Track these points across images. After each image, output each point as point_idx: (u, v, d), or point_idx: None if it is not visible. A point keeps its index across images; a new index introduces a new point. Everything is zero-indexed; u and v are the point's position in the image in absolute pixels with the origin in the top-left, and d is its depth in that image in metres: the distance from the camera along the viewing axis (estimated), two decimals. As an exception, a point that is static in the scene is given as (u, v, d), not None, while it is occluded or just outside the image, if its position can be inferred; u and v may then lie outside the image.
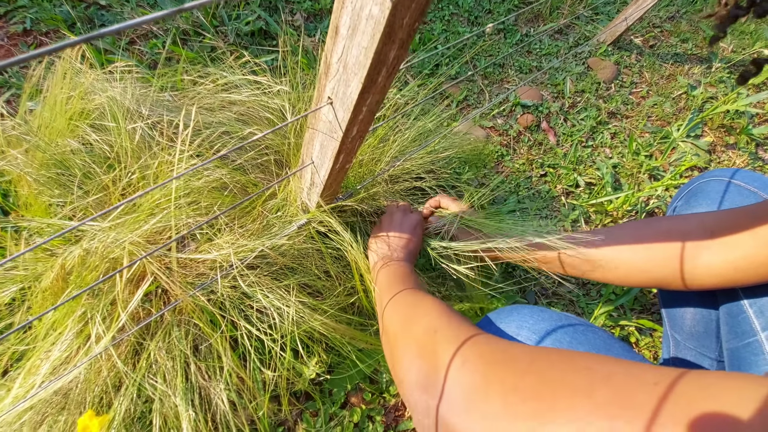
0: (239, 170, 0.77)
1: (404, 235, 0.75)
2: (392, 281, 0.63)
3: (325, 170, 0.54)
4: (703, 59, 1.76)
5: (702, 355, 0.71)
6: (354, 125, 0.45)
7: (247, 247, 0.63)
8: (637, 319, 1.04)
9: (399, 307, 0.53)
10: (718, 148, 1.48)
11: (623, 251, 0.60)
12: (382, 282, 0.64)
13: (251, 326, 0.67)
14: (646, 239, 0.58)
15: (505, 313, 0.49)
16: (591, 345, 0.42)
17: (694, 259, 0.53)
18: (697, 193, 0.71)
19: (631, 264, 0.59)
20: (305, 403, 0.80)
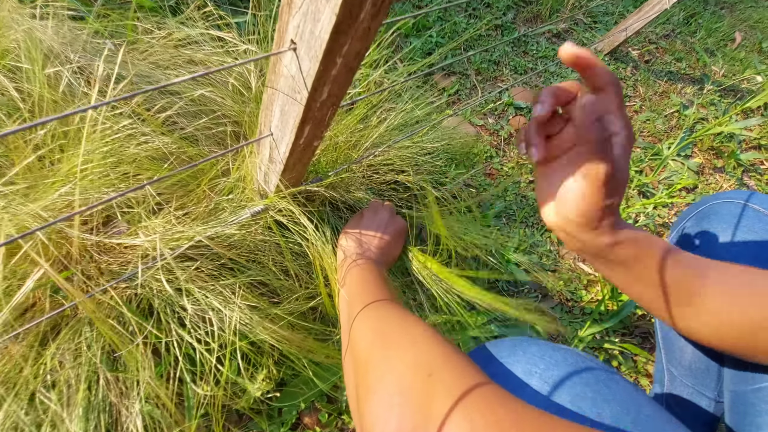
0: (188, 140, 0.64)
1: (385, 236, 0.65)
2: (365, 286, 0.52)
3: (286, 145, 0.42)
4: (695, 80, 1.74)
5: (700, 394, 0.64)
6: (324, 83, 0.33)
7: (183, 234, 0.50)
8: (621, 343, 0.97)
9: (375, 324, 0.42)
10: (707, 170, 1.45)
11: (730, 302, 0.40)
12: (352, 284, 0.53)
13: (185, 332, 0.55)
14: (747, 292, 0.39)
15: (507, 349, 0.39)
16: (618, 401, 0.33)
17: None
18: (710, 215, 0.64)
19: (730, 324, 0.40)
20: (247, 422, 0.68)
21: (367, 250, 0.61)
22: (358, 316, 0.45)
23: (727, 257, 0.60)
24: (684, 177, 1.31)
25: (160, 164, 0.60)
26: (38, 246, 0.47)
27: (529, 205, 1.17)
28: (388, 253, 0.65)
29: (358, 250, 0.61)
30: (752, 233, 0.58)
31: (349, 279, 0.55)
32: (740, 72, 1.85)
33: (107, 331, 0.48)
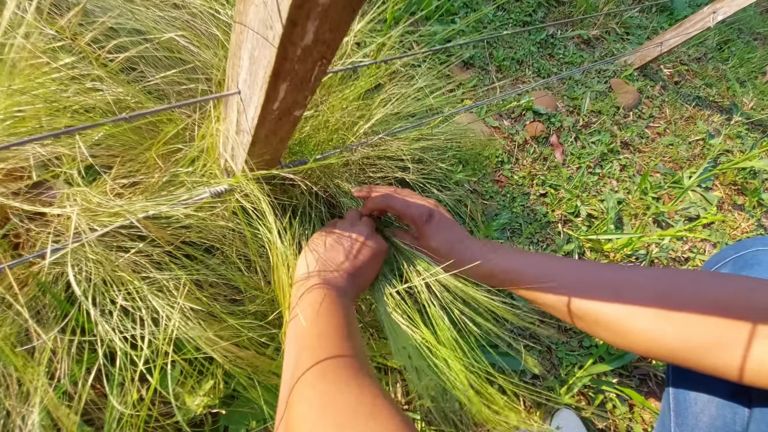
0: (153, 93, 0.52)
1: (359, 258, 0.52)
2: (321, 329, 0.40)
3: (254, 108, 0.31)
4: (724, 109, 1.64)
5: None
6: (308, 14, 0.22)
7: (115, 209, 0.39)
8: (619, 385, 0.87)
9: (324, 412, 0.31)
10: (726, 205, 1.35)
11: (642, 314, 0.43)
12: (306, 320, 0.42)
13: (112, 329, 0.44)
14: (680, 310, 0.41)
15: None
16: None
17: (755, 347, 0.37)
18: (753, 264, 0.53)
19: (649, 335, 0.42)
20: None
21: (334, 273, 0.49)
22: (304, 380, 0.34)
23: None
24: (710, 213, 1.21)
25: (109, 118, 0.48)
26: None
27: (536, 220, 1.07)
28: (359, 280, 0.53)
29: (324, 272, 0.49)
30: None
31: (304, 311, 0.43)
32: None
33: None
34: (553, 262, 0.53)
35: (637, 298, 0.44)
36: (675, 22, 1.86)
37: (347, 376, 0.33)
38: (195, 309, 0.44)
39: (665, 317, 0.41)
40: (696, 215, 1.26)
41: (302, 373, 0.34)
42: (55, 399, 0.39)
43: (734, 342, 0.37)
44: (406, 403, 0.72)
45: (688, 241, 1.21)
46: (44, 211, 0.38)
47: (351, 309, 0.46)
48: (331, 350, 0.36)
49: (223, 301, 0.57)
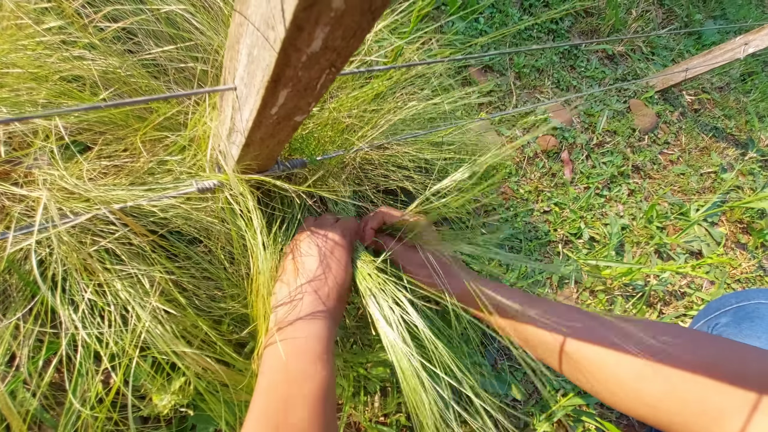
0: (148, 68, 0.48)
1: (333, 269, 0.47)
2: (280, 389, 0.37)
3: (249, 110, 0.28)
4: (740, 143, 1.60)
5: None
6: (317, 20, 0.19)
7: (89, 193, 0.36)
8: (600, 417, 0.86)
9: None
10: (729, 242, 1.33)
11: (628, 366, 0.39)
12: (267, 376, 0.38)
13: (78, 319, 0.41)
14: (673, 363, 0.38)
15: None
16: None
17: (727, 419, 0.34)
18: (754, 317, 0.51)
19: (633, 390, 0.39)
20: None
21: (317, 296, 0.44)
22: None
23: None
24: (715, 254, 1.18)
25: (99, 92, 0.44)
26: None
27: (537, 238, 1.04)
28: (339, 293, 0.48)
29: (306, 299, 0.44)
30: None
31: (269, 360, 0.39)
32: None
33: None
34: (537, 299, 0.51)
35: (625, 344, 0.40)
36: (702, 47, 1.81)
37: None
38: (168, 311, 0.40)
39: (653, 368, 0.38)
40: (698, 250, 1.23)
41: None
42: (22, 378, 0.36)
43: (733, 410, 0.34)
44: (383, 416, 0.70)
45: (687, 276, 1.18)
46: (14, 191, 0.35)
47: (329, 338, 0.42)
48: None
49: (203, 297, 0.54)
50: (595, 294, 1.04)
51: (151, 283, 0.41)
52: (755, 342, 0.50)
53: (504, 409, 0.81)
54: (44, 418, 0.46)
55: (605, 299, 1.02)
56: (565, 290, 1.02)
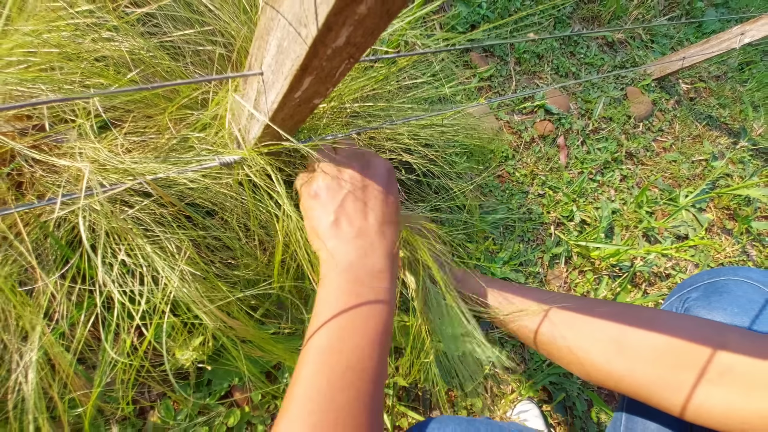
0: (167, 50, 0.51)
1: (390, 205, 0.44)
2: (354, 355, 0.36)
3: (276, 94, 0.32)
4: (732, 132, 1.64)
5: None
6: (344, 22, 0.22)
7: (127, 167, 0.40)
8: (582, 386, 0.93)
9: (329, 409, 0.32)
10: (715, 228, 1.38)
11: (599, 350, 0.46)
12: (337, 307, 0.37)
13: (111, 281, 0.45)
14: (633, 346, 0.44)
15: None
16: None
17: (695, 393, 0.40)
18: (723, 291, 0.56)
19: (604, 370, 0.45)
20: (171, 387, 0.60)
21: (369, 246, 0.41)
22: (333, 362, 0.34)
23: None
24: (699, 235, 1.24)
25: (125, 72, 0.48)
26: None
27: (531, 219, 1.09)
28: (394, 241, 0.43)
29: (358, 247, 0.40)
30: (763, 326, 0.51)
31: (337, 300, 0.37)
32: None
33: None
34: (519, 287, 0.57)
35: (596, 333, 0.47)
36: (702, 36, 1.82)
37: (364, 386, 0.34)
38: (193, 273, 0.45)
39: (619, 353, 0.44)
40: (685, 234, 1.29)
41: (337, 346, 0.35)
42: (52, 338, 0.40)
43: (679, 384, 0.40)
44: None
45: (672, 258, 1.24)
46: (55, 162, 0.39)
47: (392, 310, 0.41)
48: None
49: (218, 264, 0.59)
50: (584, 273, 1.09)
51: (178, 249, 0.46)
52: (721, 313, 0.54)
53: (494, 377, 0.87)
54: (77, 369, 0.51)
55: (593, 279, 1.08)
56: (556, 269, 1.08)
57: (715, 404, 0.38)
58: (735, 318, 0.53)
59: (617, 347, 0.44)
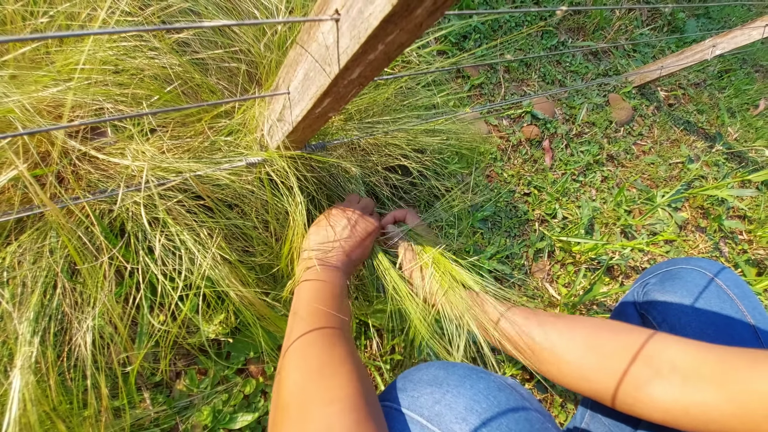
0: (198, 66, 0.60)
1: (355, 237, 0.63)
2: (315, 304, 0.51)
3: (300, 110, 0.40)
4: (709, 136, 1.75)
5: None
6: (358, 64, 0.31)
7: (172, 166, 0.48)
8: (561, 367, 1.02)
9: (309, 362, 0.43)
10: (690, 226, 1.49)
11: (571, 351, 0.52)
12: (304, 296, 0.53)
13: (153, 262, 0.54)
14: (606, 346, 0.51)
15: (457, 379, 0.40)
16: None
17: (644, 387, 0.46)
18: (675, 278, 0.65)
19: (576, 367, 0.51)
20: (194, 359, 0.69)
21: (332, 251, 0.60)
22: (294, 346, 0.45)
23: (677, 323, 0.63)
24: (669, 230, 1.34)
25: (163, 85, 0.56)
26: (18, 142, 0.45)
27: (517, 216, 1.18)
28: (352, 255, 0.63)
29: (324, 248, 0.59)
30: (707, 307, 0.60)
31: (304, 287, 0.54)
32: (752, 140, 1.87)
33: (70, 244, 0.47)
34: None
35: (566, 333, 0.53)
36: (684, 45, 1.93)
37: (328, 347, 0.44)
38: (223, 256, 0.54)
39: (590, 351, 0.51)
40: (660, 231, 1.39)
41: (297, 336, 0.45)
42: (113, 301, 0.49)
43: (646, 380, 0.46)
44: (380, 356, 0.85)
45: (648, 253, 1.34)
46: (117, 161, 0.47)
47: (344, 286, 0.56)
48: (322, 320, 0.48)
49: (238, 251, 0.68)
50: (565, 266, 1.19)
51: (210, 235, 0.55)
52: (672, 295, 0.63)
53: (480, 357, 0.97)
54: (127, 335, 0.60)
55: (573, 271, 1.18)
56: (539, 262, 1.17)
57: (665, 396, 0.44)
58: (683, 299, 0.63)
59: (589, 347, 0.51)
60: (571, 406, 1.01)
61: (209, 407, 0.66)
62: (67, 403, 0.53)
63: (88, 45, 0.47)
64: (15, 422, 0.44)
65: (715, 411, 0.40)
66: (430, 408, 0.39)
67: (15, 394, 0.43)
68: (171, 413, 0.65)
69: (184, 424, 0.65)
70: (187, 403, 0.66)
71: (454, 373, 0.42)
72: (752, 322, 0.57)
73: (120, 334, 0.50)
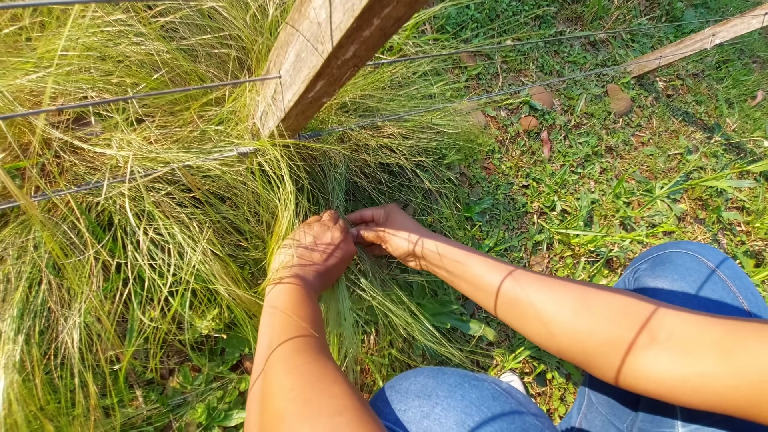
0: (186, 52, 0.58)
1: (331, 259, 0.61)
2: (294, 313, 0.48)
3: (293, 94, 0.38)
4: (707, 127, 1.74)
5: (610, 423, 0.66)
6: (352, 41, 0.29)
7: (160, 156, 0.46)
8: (561, 359, 1.01)
9: (295, 374, 0.39)
10: (689, 218, 1.48)
11: (562, 307, 0.49)
12: (279, 304, 0.50)
13: (141, 257, 0.52)
14: (595, 306, 0.48)
15: (447, 389, 0.38)
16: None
17: (639, 355, 0.43)
18: (666, 262, 0.62)
19: (564, 327, 0.48)
20: (187, 356, 0.67)
21: (305, 265, 0.57)
22: (278, 352, 0.42)
23: None
24: (668, 221, 1.33)
25: (150, 72, 0.54)
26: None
27: (515, 209, 1.17)
28: (327, 279, 0.61)
29: (296, 263, 0.57)
30: (699, 291, 0.57)
31: (277, 295, 0.51)
32: (750, 131, 1.86)
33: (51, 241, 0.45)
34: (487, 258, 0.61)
35: (558, 295, 0.50)
36: (681, 35, 1.91)
37: (314, 353, 0.42)
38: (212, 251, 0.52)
39: (582, 313, 0.48)
40: (659, 223, 1.38)
41: (276, 345, 0.43)
42: (101, 297, 0.47)
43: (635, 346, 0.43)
44: (377, 350, 0.84)
45: (647, 245, 1.33)
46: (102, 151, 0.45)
47: (316, 302, 0.55)
48: (298, 331, 0.45)
49: (231, 245, 0.66)
50: (564, 259, 1.18)
51: (200, 229, 0.53)
52: (663, 280, 0.61)
53: (480, 351, 0.96)
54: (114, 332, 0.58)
55: (572, 263, 1.17)
56: (538, 255, 1.16)
57: (661, 366, 0.41)
58: (674, 284, 0.60)
59: (580, 307, 0.48)
60: (571, 399, 1.00)
61: (204, 405, 0.64)
62: (55, 403, 0.51)
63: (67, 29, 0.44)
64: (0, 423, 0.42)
65: (716, 383, 0.37)
66: (418, 423, 0.36)
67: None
68: (164, 411, 0.63)
69: (178, 422, 0.64)
70: (180, 400, 0.64)
71: (444, 383, 0.39)
72: (745, 304, 0.55)
73: (108, 332, 0.49)
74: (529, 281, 0.53)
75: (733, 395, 0.36)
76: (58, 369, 0.51)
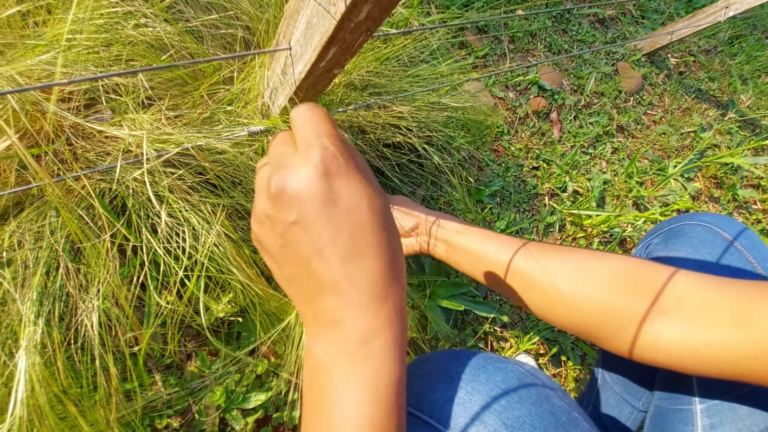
0: (192, 34, 0.57)
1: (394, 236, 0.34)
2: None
3: (304, 64, 0.38)
4: (721, 104, 1.69)
5: (625, 402, 0.64)
6: (366, 2, 0.29)
7: (171, 137, 0.46)
8: (576, 340, 1.01)
9: None
10: (703, 196, 1.45)
11: (564, 275, 0.45)
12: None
13: (156, 240, 0.52)
14: (596, 272, 0.45)
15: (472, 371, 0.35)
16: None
17: (645, 325, 0.40)
18: (679, 235, 0.59)
19: (567, 296, 0.44)
20: (204, 340, 0.68)
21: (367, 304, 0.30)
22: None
23: None
24: (683, 200, 1.31)
25: (158, 54, 0.54)
26: (8, 113, 0.42)
27: (525, 191, 1.15)
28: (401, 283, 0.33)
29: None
30: (714, 261, 0.55)
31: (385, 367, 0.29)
32: (765, 107, 1.82)
33: (71, 222, 0.45)
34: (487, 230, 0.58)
35: (560, 263, 0.47)
36: (692, 10, 1.86)
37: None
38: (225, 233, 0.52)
39: (583, 280, 0.45)
40: (673, 202, 1.36)
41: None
42: (118, 281, 0.47)
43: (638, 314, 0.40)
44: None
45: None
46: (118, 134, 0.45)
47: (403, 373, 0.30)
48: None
49: (245, 230, 0.66)
50: (576, 240, 1.16)
51: (213, 212, 0.53)
52: (676, 253, 0.57)
53: (494, 333, 0.95)
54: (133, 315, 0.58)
55: (585, 244, 1.15)
56: (550, 237, 1.15)
57: (671, 335, 0.39)
58: (689, 257, 0.58)
59: (583, 274, 0.45)
60: (586, 379, 1.00)
61: (222, 387, 0.65)
62: (77, 386, 0.52)
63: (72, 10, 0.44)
64: (23, 404, 0.42)
65: (730, 352, 0.35)
66: (441, 408, 0.34)
67: (21, 375, 0.42)
68: (183, 395, 0.64)
69: (197, 405, 0.64)
70: (199, 384, 0.65)
71: (466, 365, 0.37)
72: (763, 274, 0.53)
73: (127, 313, 0.49)
74: (532, 251, 0.50)
75: (750, 364, 0.34)
76: (79, 353, 0.52)
